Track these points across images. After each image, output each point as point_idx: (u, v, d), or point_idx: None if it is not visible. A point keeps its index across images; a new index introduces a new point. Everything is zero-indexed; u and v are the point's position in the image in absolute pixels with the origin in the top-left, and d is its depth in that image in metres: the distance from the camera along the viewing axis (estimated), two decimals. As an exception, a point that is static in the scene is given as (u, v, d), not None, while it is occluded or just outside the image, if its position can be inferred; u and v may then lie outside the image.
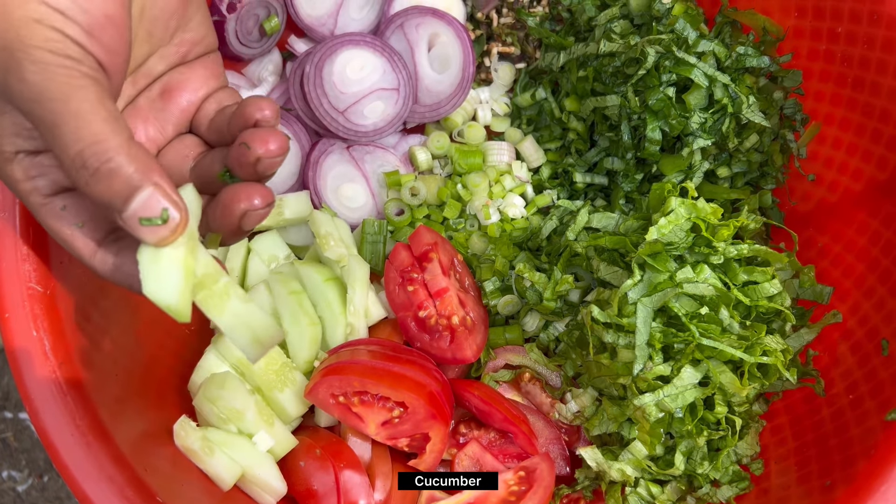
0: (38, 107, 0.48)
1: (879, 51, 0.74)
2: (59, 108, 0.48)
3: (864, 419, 0.68)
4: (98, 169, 0.48)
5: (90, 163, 0.48)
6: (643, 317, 0.71)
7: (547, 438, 0.81)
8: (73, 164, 0.48)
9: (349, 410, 0.76)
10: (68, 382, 0.65)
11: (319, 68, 0.87)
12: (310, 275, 0.82)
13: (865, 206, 0.77)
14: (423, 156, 0.93)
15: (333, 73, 0.88)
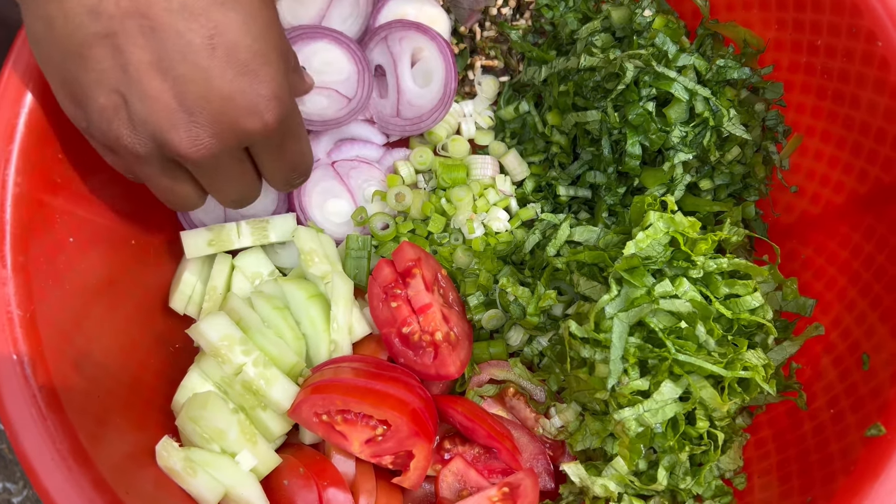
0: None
1: (858, 64, 0.74)
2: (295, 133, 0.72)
3: (844, 434, 0.68)
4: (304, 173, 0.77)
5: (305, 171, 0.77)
6: (619, 332, 0.71)
7: (531, 453, 0.81)
8: (291, 168, 0.74)
9: (332, 429, 0.76)
10: (48, 406, 0.65)
11: (293, 41, 0.88)
12: (293, 292, 0.82)
13: (847, 219, 0.77)
14: (407, 170, 0.93)
15: (300, 53, 0.88)
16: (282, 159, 0.71)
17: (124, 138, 0.62)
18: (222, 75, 0.59)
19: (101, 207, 0.79)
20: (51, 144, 0.72)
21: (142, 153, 0.63)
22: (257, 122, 0.62)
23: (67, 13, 0.57)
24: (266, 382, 0.76)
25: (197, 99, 0.59)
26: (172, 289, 0.87)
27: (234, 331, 0.77)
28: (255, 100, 0.61)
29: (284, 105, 0.64)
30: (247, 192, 0.72)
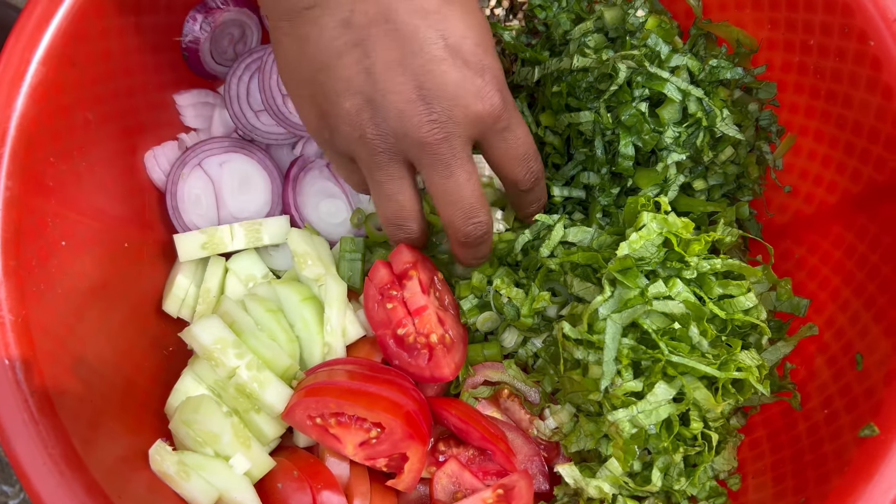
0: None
1: (851, 63, 0.74)
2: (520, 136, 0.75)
3: (838, 435, 0.68)
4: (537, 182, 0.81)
5: (538, 181, 0.81)
6: (612, 333, 0.71)
7: (526, 455, 0.81)
8: (527, 175, 0.78)
9: (326, 432, 0.76)
10: (40, 411, 0.65)
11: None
12: (287, 294, 0.82)
13: (840, 219, 0.77)
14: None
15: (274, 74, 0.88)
16: (514, 146, 0.73)
17: (368, 134, 0.67)
18: (454, 65, 0.65)
19: (93, 210, 0.79)
20: (42, 148, 0.72)
21: (382, 149, 0.68)
22: (487, 105, 0.67)
23: (322, 28, 0.64)
24: (259, 385, 0.76)
25: (434, 87, 0.65)
26: (166, 292, 0.86)
27: (228, 334, 0.77)
28: (481, 85, 0.67)
29: (506, 90, 0.70)
30: (477, 200, 0.72)
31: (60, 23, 0.72)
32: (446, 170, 0.69)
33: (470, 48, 0.66)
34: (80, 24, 0.74)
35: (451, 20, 0.65)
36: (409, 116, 0.65)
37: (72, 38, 0.73)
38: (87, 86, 0.77)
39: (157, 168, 0.88)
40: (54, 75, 0.72)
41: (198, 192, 0.89)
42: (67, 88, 0.74)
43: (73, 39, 0.73)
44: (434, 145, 0.67)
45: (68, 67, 0.74)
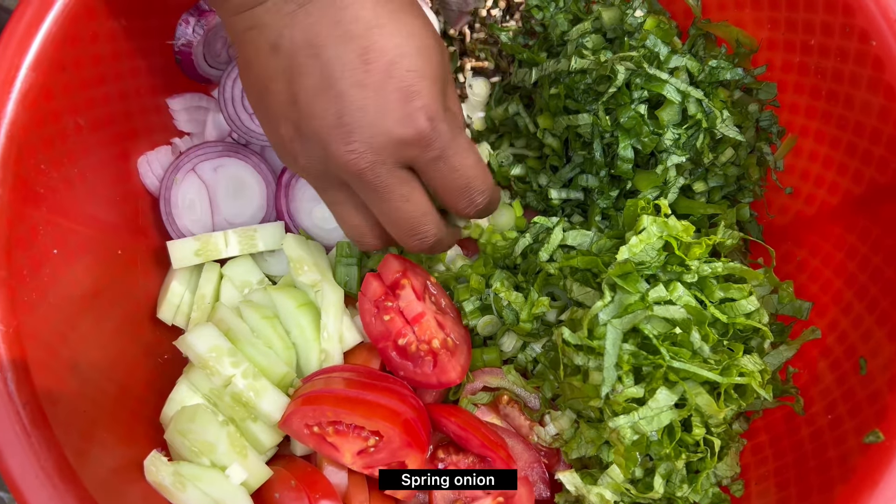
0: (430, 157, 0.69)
1: (852, 63, 0.73)
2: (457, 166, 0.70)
3: (842, 441, 0.67)
4: (483, 192, 0.73)
5: (477, 190, 0.72)
6: (612, 339, 0.70)
7: (526, 462, 0.80)
8: (467, 202, 0.73)
9: (324, 440, 0.75)
10: (33, 423, 0.64)
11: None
12: (282, 300, 0.81)
13: (842, 220, 0.76)
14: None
15: None
16: (451, 178, 0.69)
17: (300, 162, 0.67)
18: (376, 90, 0.63)
19: (85, 217, 0.78)
20: (32, 155, 0.70)
21: (316, 175, 0.68)
22: (411, 132, 0.64)
23: (258, 52, 0.65)
24: (256, 394, 0.75)
25: (354, 112, 0.63)
26: (160, 299, 0.85)
27: (223, 342, 0.76)
28: (407, 112, 0.64)
29: (441, 117, 0.66)
30: (418, 219, 0.70)
31: (51, 27, 0.71)
32: (378, 195, 0.67)
33: (400, 73, 0.63)
34: (70, 28, 0.72)
35: (380, 45, 0.63)
36: (330, 144, 0.64)
37: (62, 42, 0.72)
38: (78, 91, 0.76)
39: (151, 173, 0.87)
40: (45, 80, 0.71)
41: (192, 197, 0.88)
42: (58, 94, 0.73)
43: (63, 44, 0.72)
44: (359, 174, 0.65)
45: (59, 72, 0.73)
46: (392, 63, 0.63)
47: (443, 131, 0.66)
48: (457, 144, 0.68)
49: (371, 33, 0.63)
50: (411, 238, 0.71)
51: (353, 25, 0.62)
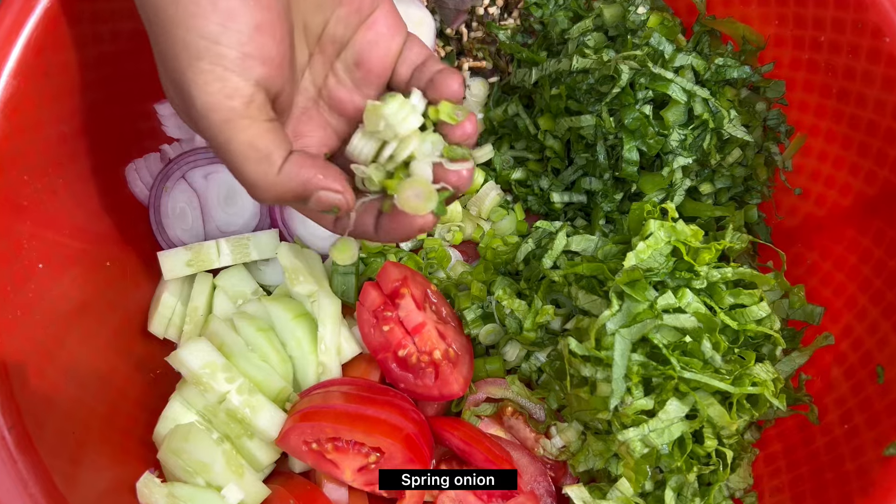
0: (213, 147, 0.56)
1: (865, 61, 0.70)
2: (223, 151, 0.55)
3: (860, 452, 0.65)
4: (265, 201, 0.59)
5: (257, 197, 0.58)
6: (621, 349, 0.68)
7: (532, 475, 0.78)
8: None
9: (323, 457, 0.72)
10: (19, 447, 0.61)
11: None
12: (278, 312, 0.78)
13: (855, 222, 0.74)
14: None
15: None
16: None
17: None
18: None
19: (72, 229, 0.75)
20: (15, 165, 0.67)
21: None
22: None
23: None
24: (252, 410, 0.72)
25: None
26: (151, 312, 0.83)
27: (217, 357, 0.74)
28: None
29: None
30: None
31: (32, 33, 0.68)
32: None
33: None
34: (52, 34, 0.69)
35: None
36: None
37: (44, 48, 0.69)
38: (61, 98, 0.73)
39: (139, 181, 0.84)
40: (27, 88, 0.68)
41: (182, 205, 0.85)
42: (41, 101, 0.70)
43: (45, 50, 0.69)
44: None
45: (41, 79, 0.69)
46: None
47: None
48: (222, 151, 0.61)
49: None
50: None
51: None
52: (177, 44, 0.52)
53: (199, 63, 0.52)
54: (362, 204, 0.63)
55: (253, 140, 0.55)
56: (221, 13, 0.52)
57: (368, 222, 0.64)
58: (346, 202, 0.60)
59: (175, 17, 0.52)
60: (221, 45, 0.52)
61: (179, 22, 0.52)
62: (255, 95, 0.54)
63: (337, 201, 0.59)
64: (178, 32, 0.52)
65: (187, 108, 0.54)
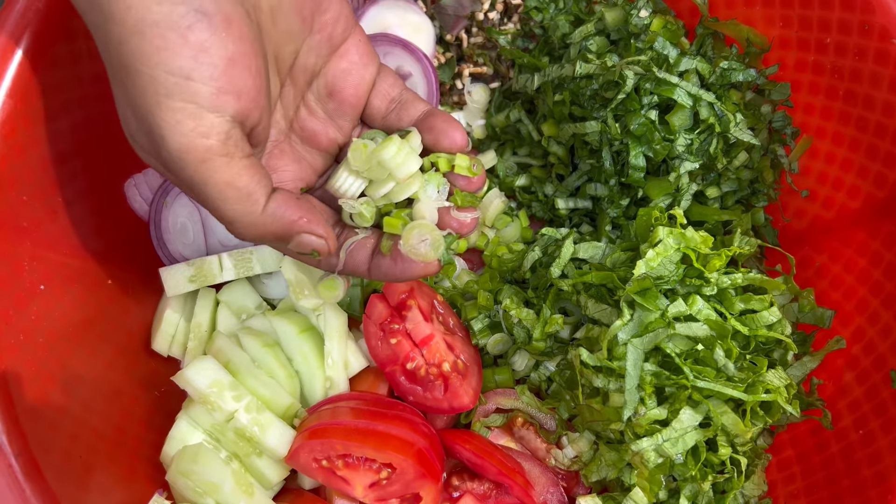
0: (180, 186, 0.53)
1: (872, 63, 0.70)
2: (199, 191, 0.52)
3: (877, 459, 0.65)
4: (244, 239, 0.56)
5: (236, 234, 0.56)
6: (633, 359, 0.67)
7: (544, 486, 0.77)
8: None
9: (334, 474, 0.71)
10: (26, 474, 0.60)
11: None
12: (283, 327, 0.77)
13: (864, 225, 0.74)
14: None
15: None
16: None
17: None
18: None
19: (72, 248, 0.74)
20: (13, 187, 0.66)
21: None
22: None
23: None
24: (260, 429, 0.72)
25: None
26: (154, 329, 0.81)
27: (223, 375, 0.73)
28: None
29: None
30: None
31: (27, 51, 0.67)
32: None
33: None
34: (47, 52, 0.68)
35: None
36: None
37: (40, 66, 0.68)
38: (57, 116, 0.71)
39: (139, 197, 0.83)
40: (22, 107, 0.66)
41: (183, 220, 0.84)
42: (37, 120, 0.69)
43: (40, 68, 0.68)
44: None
45: (37, 98, 0.68)
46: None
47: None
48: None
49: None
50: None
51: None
52: (142, 81, 0.49)
53: (170, 101, 0.49)
54: (352, 243, 0.62)
55: (232, 179, 0.52)
56: (192, 46, 0.48)
57: (361, 260, 0.62)
58: (327, 248, 0.58)
59: (140, 52, 0.48)
60: (193, 81, 0.49)
61: (145, 57, 0.48)
62: (232, 131, 0.51)
63: (318, 246, 0.57)
64: (143, 69, 0.48)
65: (156, 149, 0.51)
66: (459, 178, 0.62)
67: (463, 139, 0.62)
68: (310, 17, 0.59)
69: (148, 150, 0.52)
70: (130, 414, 0.76)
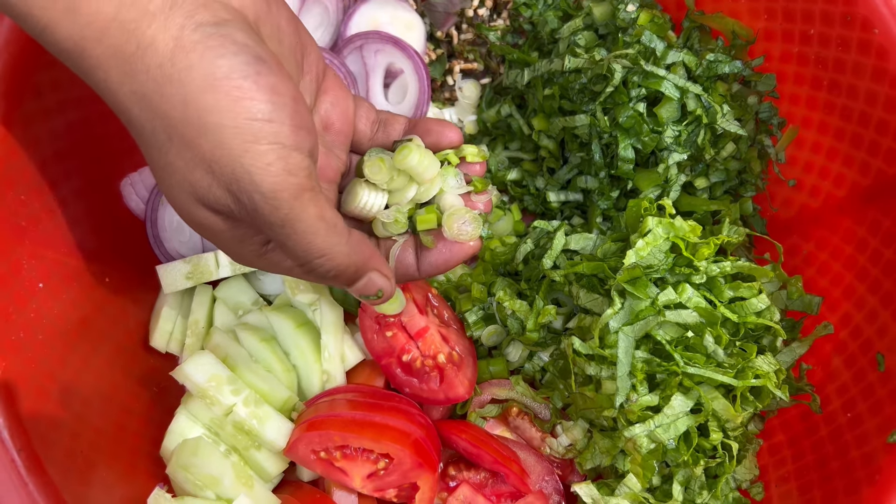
0: (269, 228, 0.52)
1: (855, 53, 0.71)
2: (291, 229, 0.52)
3: (864, 441, 0.66)
4: (325, 275, 0.56)
5: (318, 271, 0.55)
6: (624, 347, 0.68)
7: (539, 474, 0.78)
8: (304, 267, 0.55)
9: (332, 465, 0.72)
10: (29, 470, 0.61)
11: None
12: (280, 322, 0.78)
13: (850, 213, 0.75)
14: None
15: None
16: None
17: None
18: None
19: (69, 247, 0.74)
20: (11, 186, 0.67)
21: None
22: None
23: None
24: (258, 422, 0.72)
25: None
26: (152, 326, 0.82)
27: (221, 370, 0.73)
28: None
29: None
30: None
31: (19, 51, 0.67)
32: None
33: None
34: (40, 52, 0.69)
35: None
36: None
37: (34, 66, 0.69)
38: (52, 116, 0.72)
39: (135, 196, 0.84)
40: (17, 108, 0.67)
41: (179, 218, 0.84)
42: (33, 120, 0.69)
43: (35, 68, 0.69)
44: None
45: (33, 98, 0.69)
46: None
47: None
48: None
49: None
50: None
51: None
52: (223, 133, 0.49)
53: (258, 146, 0.49)
54: (397, 249, 0.65)
55: (321, 212, 0.53)
56: (266, 90, 0.49)
57: (409, 263, 0.65)
58: (390, 288, 0.60)
59: (217, 106, 0.48)
60: (275, 123, 0.50)
61: (224, 109, 0.48)
62: (311, 166, 0.53)
63: (384, 285, 0.60)
64: (223, 121, 0.48)
65: (244, 197, 0.50)
66: (469, 166, 0.67)
67: (459, 135, 0.66)
68: (301, 60, 0.61)
69: (221, 204, 0.52)
70: (129, 410, 0.76)
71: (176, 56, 0.48)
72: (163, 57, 0.48)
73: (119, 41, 0.48)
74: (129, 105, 0.51)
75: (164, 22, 0.49)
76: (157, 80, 0.49)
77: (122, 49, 0.49)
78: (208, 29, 0.49)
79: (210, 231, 0.55)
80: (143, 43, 0.48)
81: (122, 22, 0.48)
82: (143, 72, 0.49)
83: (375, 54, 0.87)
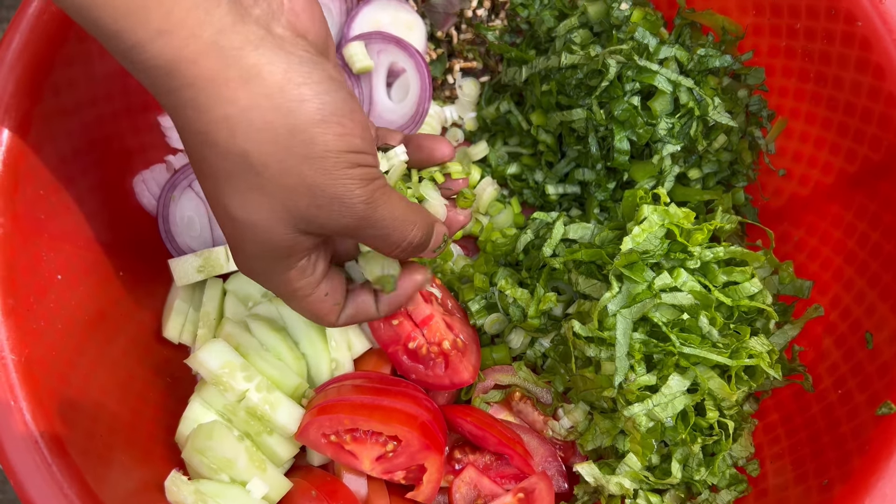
0: (370, 228, 0.59)
1: (839, 45, 0.74)
2: (389, 224, 0.60)
3: (854, 414, 0.69)
4: (419, 243, 0.64)
5: (414, 241, 0.63)
6: (622, 328, 0.71)
7: (542, 456, 0.81)
8: (401, 251, 0.63)
9: (342, 448, 0.75)
10: (52, 452, 0.64)
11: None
12: (289, 312, 0.81)
13: (838, 199, 0.78)
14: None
15: None
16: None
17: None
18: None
19: (86, 240, 0.77)
20: (31, 181, 0.70)
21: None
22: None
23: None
24: (270, 407, 0.75)
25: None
26: (165, 318, 0.85)
27: (234, 357, 0.76)
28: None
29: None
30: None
31: (38, 52, 0.70)
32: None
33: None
34: (61, 51, 0.72)
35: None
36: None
37: (54, 65, 0.72)
38: (71, 113, 0.75)
39: (147, 192, 0.86)
40: (37, 106, 0.70)
41: (190, 214, 0.87)
42: (50, 118, 0.72)
43: (55, 67, 0.72)
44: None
45: (52, 96, 0.72)
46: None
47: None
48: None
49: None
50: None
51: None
52: (328, 163, 0.54)
53: (354, 171, 0.55)
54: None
55: (398, 195, 0.61)
56: (361, 126, 0.56)
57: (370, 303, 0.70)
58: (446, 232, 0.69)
59: (324, 142, 0.53)
60: (367, 154, 0.56)
61: (328, 142, 0.53)
62: (379, 167, 0.60)
63: (443, 230, 0.68)
64: (329, 155, 0.53)
65: (345, 211, 0.56)
66: (455, 182, 0.75)
67: (451, 150, 0.73)
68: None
69: (314, 224, 0.56)
70: (145, 399, 0.79)
71: (286, 88, 0.52)
72: (271, 88, 0.51)
73: (218, 66, 0.50)
74: (215, 128, 0.52)
75: (270, 55, 0.52)
76: (262, 108, 0.51)
77: (221, 73, 0.50)
78: (309, 65, 0.53)
79: (273, 254, 0.59)
80: (246, 71, 0.51)
81: (223, 49, 0.50)
82: (246, 98, 0.51)
83: (378, 54, 0.90)
